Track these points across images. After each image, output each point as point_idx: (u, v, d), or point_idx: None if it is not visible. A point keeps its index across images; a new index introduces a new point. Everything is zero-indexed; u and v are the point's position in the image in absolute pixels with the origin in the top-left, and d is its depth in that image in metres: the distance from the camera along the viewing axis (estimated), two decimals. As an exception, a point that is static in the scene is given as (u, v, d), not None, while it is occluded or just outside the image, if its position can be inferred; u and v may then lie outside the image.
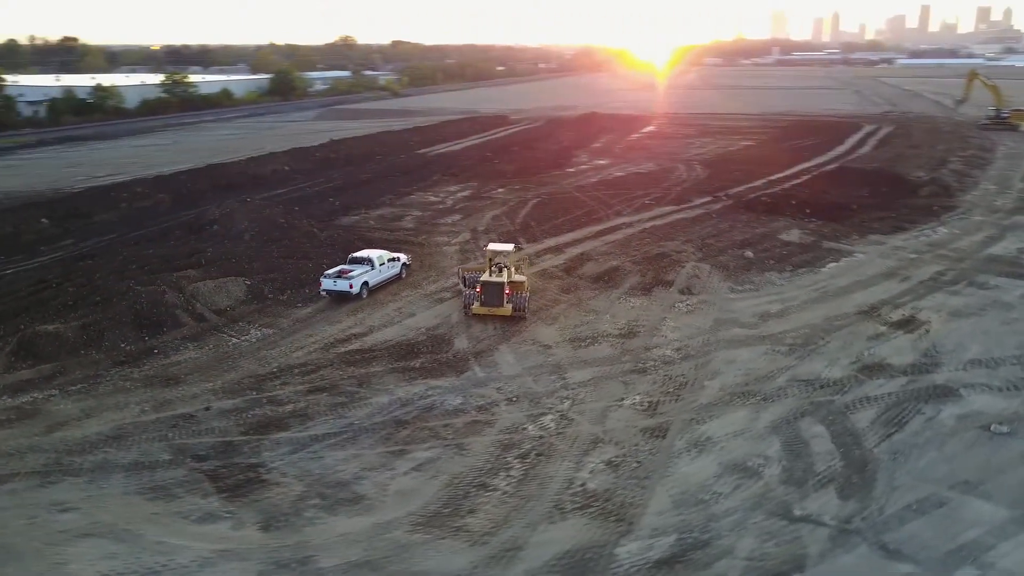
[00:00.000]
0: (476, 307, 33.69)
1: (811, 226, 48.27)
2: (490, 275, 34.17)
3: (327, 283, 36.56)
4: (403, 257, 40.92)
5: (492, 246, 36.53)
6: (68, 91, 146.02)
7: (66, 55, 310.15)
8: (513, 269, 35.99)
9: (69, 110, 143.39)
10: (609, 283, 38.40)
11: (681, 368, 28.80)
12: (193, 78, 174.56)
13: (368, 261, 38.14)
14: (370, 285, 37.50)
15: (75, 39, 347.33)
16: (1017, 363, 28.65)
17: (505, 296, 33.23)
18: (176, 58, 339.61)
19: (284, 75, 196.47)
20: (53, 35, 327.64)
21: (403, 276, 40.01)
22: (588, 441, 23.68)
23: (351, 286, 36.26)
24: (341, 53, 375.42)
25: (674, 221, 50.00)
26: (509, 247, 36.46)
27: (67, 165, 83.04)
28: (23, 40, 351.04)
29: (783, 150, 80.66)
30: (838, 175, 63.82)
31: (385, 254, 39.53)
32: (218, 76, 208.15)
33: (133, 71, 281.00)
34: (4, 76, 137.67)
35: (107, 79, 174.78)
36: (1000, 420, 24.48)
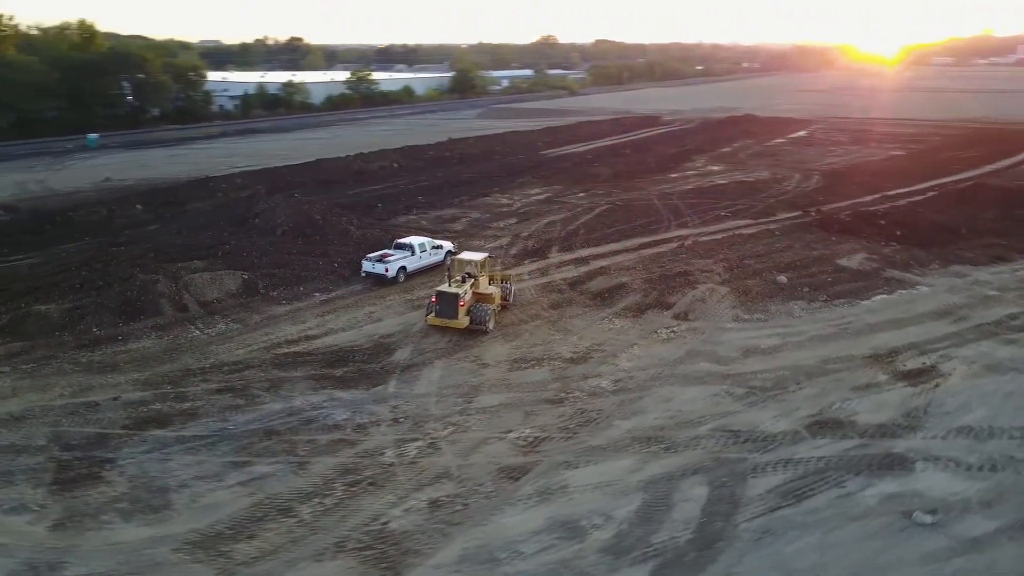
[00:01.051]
0: (430, 318, 32.33)
1: (886, 250, 42.26)
2: (449, 285, 32.64)
3: (367, 265, 38.53)
4: (447, 245, 42.04)
5: (462, 255, 34.89)
6: (261, 87, 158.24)
7: (291, 54, 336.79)
8: (488, 280, 34.24)
9: (259, 104, 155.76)
10: (606, 301, 35.61)
11: (603, 403, 25.98)
12: (376, 76, 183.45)
13: (409, 247, 39.64)
14: (408, 270, 39.03)
15: (300, 39, 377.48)
16: (1018, 438, 23.25)
17: (460, 308, 31.54)
18: (386, 57, 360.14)
19: (464, 73, 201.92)
20: (283, 36, 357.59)
21: (447, 263, 39.83)
22: (434, 475, 21.83)
23: (387, 270, 38.03)
24: (541, 52, 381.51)
25: (732, 236, 45.62)
26: (479, 256, 34.56)
27: (225, 155, 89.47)
28: (255, 41, 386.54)
29: (932, 162, 71.73)
30: (970, 193, 55.55)
31: (428, 241, 41.13)
32: (403, 74, 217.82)
33: (347, 68, 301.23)
34: (206, 72, 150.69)
35: (308, 76, 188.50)
36: (934, 507, 19.88)
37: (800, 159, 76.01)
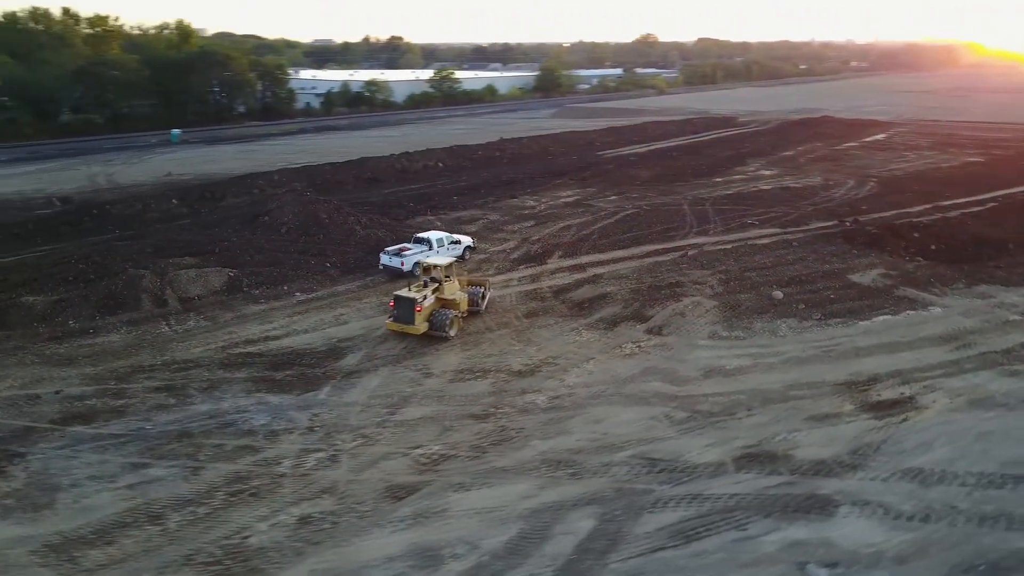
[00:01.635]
0: (388, 323, 31.64)
1: (908, 266, 38.97)
2: (409, 290, 31.84)
3: (384, 259, 39.29)
4: (466, 240, 42.52)
5: (430, 259, 34.04)
6: (345, 85, 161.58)
7: (391, 52, 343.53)
8: (461, 284, 33.34)
9: (343, 102, 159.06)
10: (584, 311, 34.12)
11: (530, 421, 24.69)
12: (459, 75, 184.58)
13: (427, 242, 40.05)
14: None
15: (400, 38, 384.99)
16: (971, 485, 20.73)
17: (417, 313, 30.72)
18: (482, 56, 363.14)
19: (549, 72, 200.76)
20: (383, 35, 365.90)
21: (466, 258, 41.47)
22: (319, 490, 21.12)
23: (402, 264, 38.57)
24: (638, 51, 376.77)
25: (744, 246, 43.07)
26: (444, 260, 33.47)
27: (292, 152, 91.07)
28: (362, 39, 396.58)
29: (1010, 170, 66.23)
30: (1035, 204, 50.93)
31: (446, 236, 41.28)
32: (489, 73, 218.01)
33: (444, 67, 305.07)
34: (289, 71, 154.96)
35: (393, 75, 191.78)
36: (837, 560, 17.85)
37: (863, 164, 71.60)
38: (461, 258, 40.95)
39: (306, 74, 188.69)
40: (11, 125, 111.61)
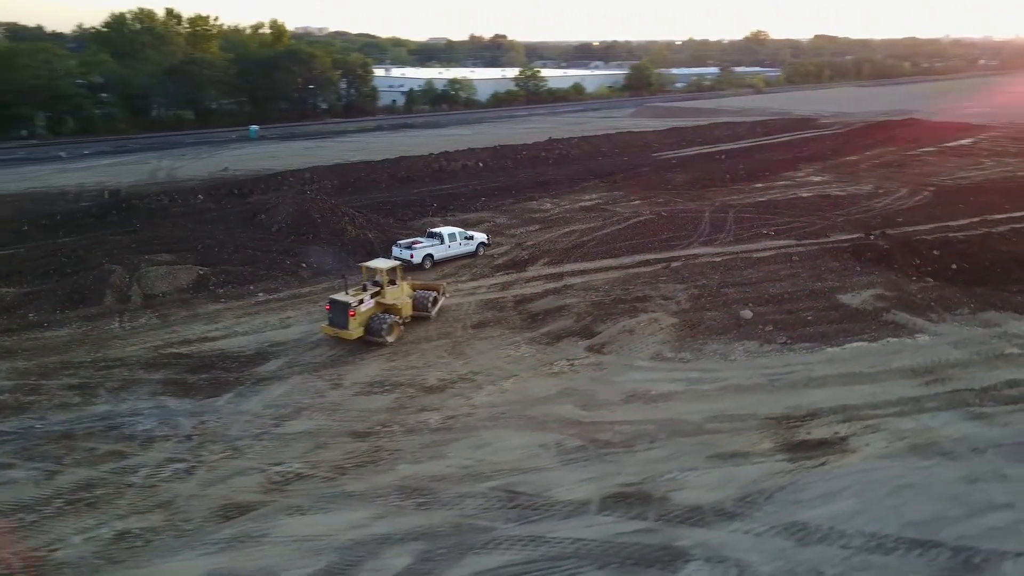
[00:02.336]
0: (324, 327, 30.82)
1: (912, 287, 35.26)
2: (346, 293, 30.92)
3: (396, 251, 40.03)
4: (480, 236, 43.01)
5: (369, 262, 33.00)
6: (429, 83, 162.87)
7: (495, 51, 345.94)
8: (409, 288, 32.32)
9: (427, 100, 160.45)
10: (535, 324, 32.42)
11: (411, 442, 23.36)
12: (547, 73, 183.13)
13: (439, 236, 41.09)
14: (435, 258, 40.65)
15: (504, 37, 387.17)
16: (855, 548, 18.15)
17: (350, 318, 29.78)
18: (584, 54, 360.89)
19: (639, 71, 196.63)
20: (488, 34, 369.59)
21: (479, 254, 42.21)
22: (155, 504, 20.45)
23: (412, 256, 39.51)
24: (747, 49, 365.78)
25: (736, 259, 40.11)
26: (386, 264, 32.40)
27: (356, 148, 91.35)
28: (470, 38, 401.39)
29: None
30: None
31: (459, 231, 42.35)
32: (578, 71, 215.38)
33: (544, 65, 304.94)
34: (383, 69, 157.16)
35: (478, 72, 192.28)
36: (649, 626, 15.80)
37: (929, 171, 66.19)
38: (473, 254, 42.19)
39: (397, 72, 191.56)
40: (108, 120, 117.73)
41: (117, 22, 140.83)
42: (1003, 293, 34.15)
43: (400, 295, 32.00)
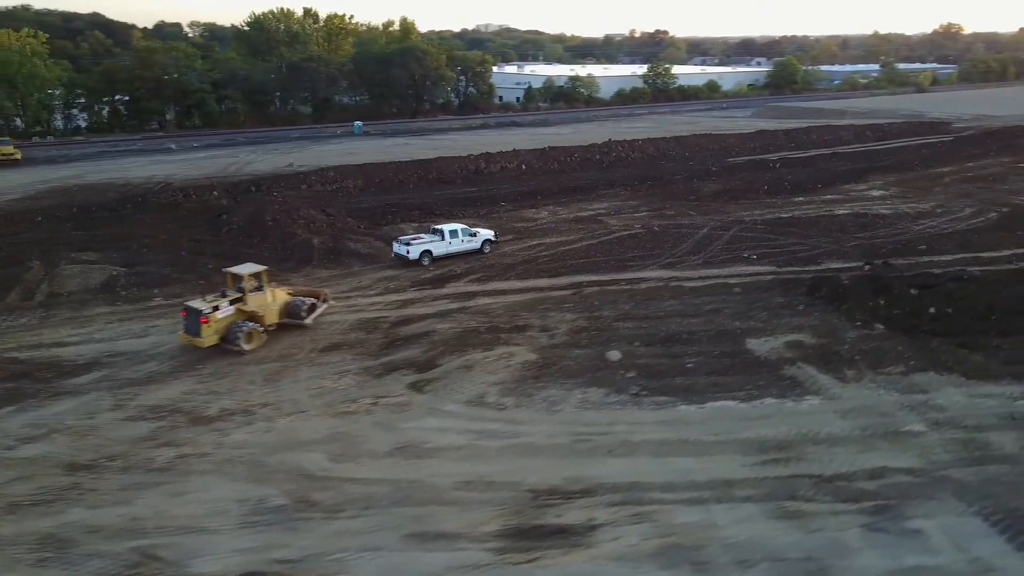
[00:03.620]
0: (180, 335, 29.49)
1: (850, 334, 29.06)
2: (203, 299, 29.66)
3: (395, 247, 40.18)
4: (486, 234, 42.19)
5: (233, 268, 31.42)
6: (549, 80, 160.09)
7: (654, 47, 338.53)
8: (272, 295, 30.85)
9: (546, 98, 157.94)
10: (385, 351, 29.52)
11: (114, 483, 21.29)
12: (676, 70, 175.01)
13: (440, 232, 40.31)
14: (434, 255, 39.87)
15: (665, 32, 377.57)
16: None
17: (202, 325, 28.33)
18: (746, 50, 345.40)
19: (783, 68, 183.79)
20: (648, 29, 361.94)
21: (485, 251, 41.36)
22: None
23: (408, 252, 39.20)
24: (935, 43, 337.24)
25: (670, 288, 35.02)
26: (249, 269, 30.78)
27: (439, 147, 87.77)
28: (630, 34, 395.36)
29: None
30: None
31: (461, 228, 41.46)
32: (716, 68, 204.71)
33: (703, 62, 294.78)
34: (491, 66, 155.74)
35: (604, 69, 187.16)
36: None
37: (1015, 190, 56.15)
38: (480, 251, 41.06)
39: (529, 69, 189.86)
40: (230, 114, 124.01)
41: (256, 22, 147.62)
42: (965, 350, 27.27)
43: (264, 302, 30.48)
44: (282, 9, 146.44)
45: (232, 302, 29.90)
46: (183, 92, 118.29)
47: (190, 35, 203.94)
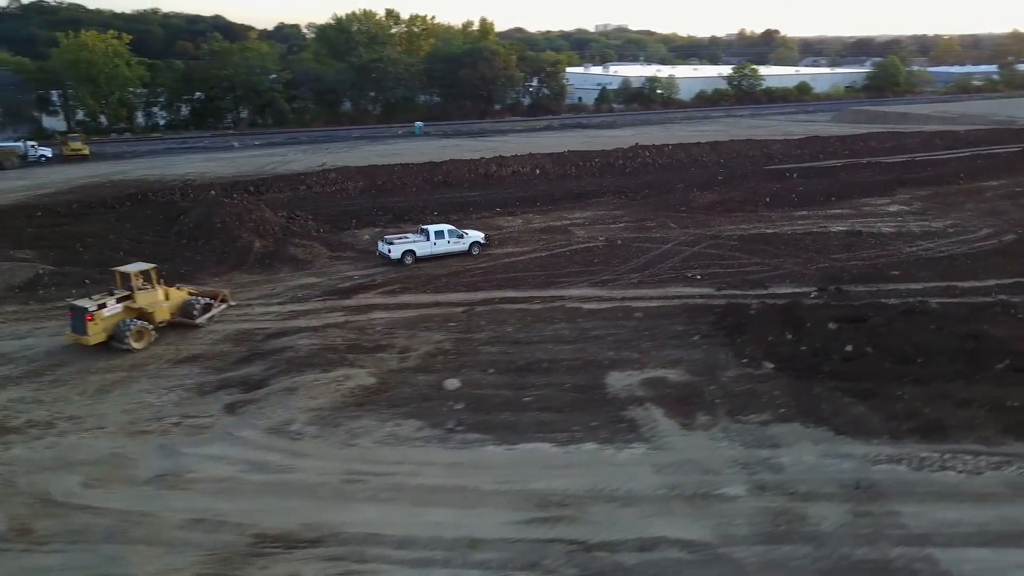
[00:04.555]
0: (68, 334, 29.47)
1: (730, 373, 25.55)
2: (89, 298, 29.77)
3: (379, 245, 40.38)
4: (475, 236, 41.62)
5: (123, 267, 31.52)
6: (626, 81, 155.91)
7: (763, 47, 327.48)
8: (166, 294, 30.93)
9: (621, 99, 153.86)
10: (235, 366, 28.12)
11: None
12: (765, 71, 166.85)
13: (425, 232, 40.47)
14: (417, 255, 39.77)
15: (776, 32, 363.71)
16: None
17: (87, 323, 28.37)
18: (860, 50, 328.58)
19: (884, 69, 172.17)
20: (759, 29, 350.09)
21: (474, 253, 40.72)
22: None
23: (389, 251, 39.34)
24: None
25: (567, 310, 32.07)
26: (136, 268, 30.84)
27: (490, 148, 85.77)
28: (739, 33, 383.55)
29: None
30: None
31: (448, 229, 41.32)
32: (811, 69, 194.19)
33: (815, 63, 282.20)
34: (565, 67, 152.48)
35: (685, 70, 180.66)
36: None
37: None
38: (469, 253, 40.56)
39: (614, 69, 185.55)
40: (300, 114, 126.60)
41: (337, 23, 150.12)
42: (853, 399, 23.45)
43: (154, 299, 30.49)
44: (364, 10, 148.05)
45: (120, 300, 29.90)
46: (255, 92, 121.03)
47: (308, 36, 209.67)
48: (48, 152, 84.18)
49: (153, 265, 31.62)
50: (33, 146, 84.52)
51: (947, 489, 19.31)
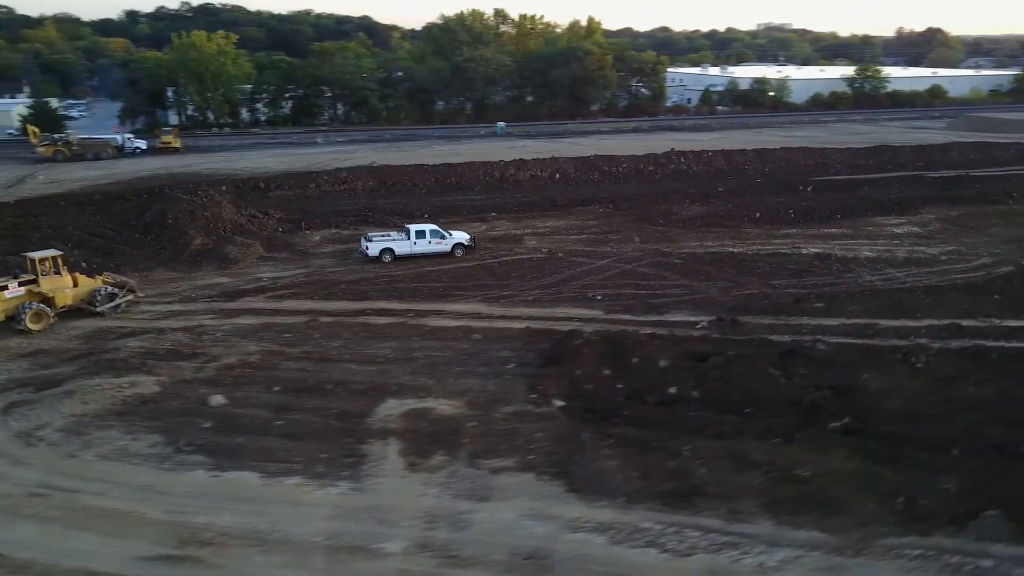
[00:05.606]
0: None
1: (501, 411, 23.06)
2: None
3: (361, 243, 40.83)
4: (459, 237, 41.40)
5: (32, 253, 32.87)
6: (732, 82, 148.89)
7: (921, 47, 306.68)
8: (74, 280, 32.29)
9: (728, 100, 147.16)
10: (59, 363, 28.26)
11: None
12: (893, 72, 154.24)
13: (405, 231, 40.66)
14: (396, 253, 39.90)
15: (938, 30, 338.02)
16: None
17: None
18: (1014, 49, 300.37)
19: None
20: (919, 26, 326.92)
21: (456, 255, 40.59)
22: None
23: (367, 248, 39.67)
24: None
25: (420, 327, 30.12)
26: (43, 254, 32.26)
27: (553, 150, 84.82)
28: (888, 33, 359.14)
29: None
30: None
31: (430, 229, 41.31)
32: (947, 71, 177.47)
33: (978, 64, 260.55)
34: (665, 67, 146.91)
35: (801, 72, 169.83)
36: None
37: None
38: (451, 254, 40.49)
39: (731, 70, 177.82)
40: (392, 112, 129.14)
41: (445, 23, 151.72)
42: (608, 451, 20.60)
43: (58, 285, 31.90)
44: (473, 10, 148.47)
45: (23, 284, 31.46)
46: (349, 90, 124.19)
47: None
48: (143, 144, 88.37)
49: (60, 252, 33.19)
50: (130, 138, 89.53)
51: (633, 571, 16.37)
